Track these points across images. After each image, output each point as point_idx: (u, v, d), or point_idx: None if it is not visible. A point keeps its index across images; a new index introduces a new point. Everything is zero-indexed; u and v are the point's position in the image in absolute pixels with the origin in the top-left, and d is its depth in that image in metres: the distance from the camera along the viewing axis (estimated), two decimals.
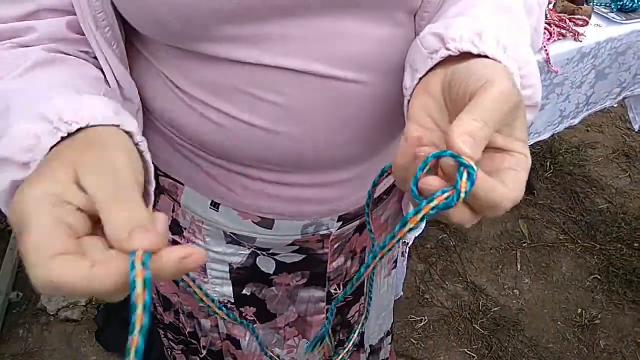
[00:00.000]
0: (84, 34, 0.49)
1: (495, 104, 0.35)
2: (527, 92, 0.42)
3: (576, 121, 1.80)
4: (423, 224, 0.33)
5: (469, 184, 0.32)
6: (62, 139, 0.36)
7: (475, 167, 0.32)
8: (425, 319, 1.87)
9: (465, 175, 0.32)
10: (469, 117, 0.34)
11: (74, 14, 0.48)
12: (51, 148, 0.36)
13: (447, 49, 0.41)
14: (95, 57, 0.51)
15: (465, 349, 1.79)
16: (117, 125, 0.38)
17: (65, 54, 0.49)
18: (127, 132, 0.39)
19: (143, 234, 0.28)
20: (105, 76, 0.51)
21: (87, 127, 0.36)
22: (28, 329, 1.77)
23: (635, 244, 2.15)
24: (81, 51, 0.50)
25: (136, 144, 0.39)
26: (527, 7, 0.51)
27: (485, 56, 0.40)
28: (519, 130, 0.37)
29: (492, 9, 0.45)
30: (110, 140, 0.36)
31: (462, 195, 0.32)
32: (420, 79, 0.43)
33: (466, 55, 0.40)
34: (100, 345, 1.71)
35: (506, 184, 0.35)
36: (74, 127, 0.36)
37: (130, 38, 0.54)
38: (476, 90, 0.36)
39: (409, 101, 0.45)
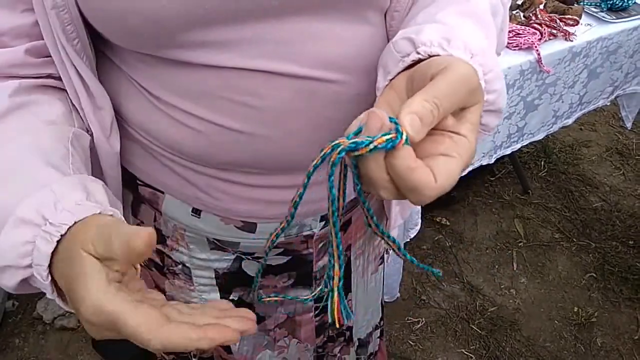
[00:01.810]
0: (46, 56, 0.50)
1: (453, 86, 0.36)
2: (490, 96, 0.42)
3: (570, 121, 1.81)
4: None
5: (387, 143, 0.33)
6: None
7: (403, 135, 0.33)
8: (422, 321, 1.87)
9: (389, 136, 0.33)
10: (421, 98, 0.34)
11: (36, 35, 0.49)
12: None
13: (418, 52, 0.42)
14: (58, 78, 0.52)
15: (463, 350, 1.79)
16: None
17: (33, 88, 0.51)
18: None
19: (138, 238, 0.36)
20: (73, 103, 0.53)
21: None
22: (24, 338, 1.77)
23: (630, 242, 2.16)
24: (43, 74, 0.51)
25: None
26: (492, 9, 0.52)
27: None
28: (472, 113, 0.38)
29: (460, 15, 0.47)
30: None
31: (373, 146, 0.33)
32: (391, 80, 0.44)
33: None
34: (98, 353, 1.71)
35: (434, 172, 0.35)
36: (64, 229, 0.39)
37: (100, 47, 0.54)
38: (437, 73, 0.37)
39: None
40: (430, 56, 0.41)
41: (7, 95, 0.48)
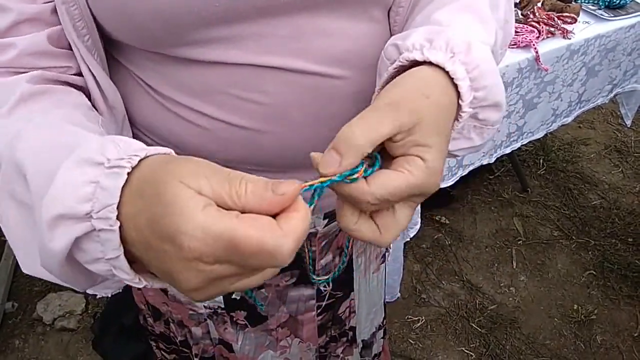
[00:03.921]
0: (65, 47, 0.49)
1: (379, 115, 0.38)
2: (479, 93, 0.43)
3: (569, 119, 1.81)
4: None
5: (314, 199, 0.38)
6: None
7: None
8: (422, 319, 1.87)
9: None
10: (347, 128, 0.37)
11: (56, 24, 0.48)
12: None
13: (400, 60, 0.43)
14: (76, 74, 0.50)
15: (463, 348, 1.79)
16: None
17: (51, 81, 0.48)
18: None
19: (283, 184, 0.32)
20: (90, 99, 0.51)
21: (145, 158, 0.35)
22: (24, 340, 1.76)
23: (629, 239, 2.16)
24: (62, 67, 0.49)
25: None
26: (492, 2, 0.51)
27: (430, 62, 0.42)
28: (413, 135, 0.38)
29: (454, 10, 0.47)
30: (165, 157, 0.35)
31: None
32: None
33: (420, 63, 0.42)
34: (98, 354, 1.71)
35: (370, 183, 0.37)
36: (135, 161, 0.34)
37: (106, 48, 0.53)
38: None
39: None
40: (410, 62, 0.43)
41: (25, 81, 0.45)
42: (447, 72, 0.41)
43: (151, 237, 0.32)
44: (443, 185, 1.61)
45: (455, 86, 0.42)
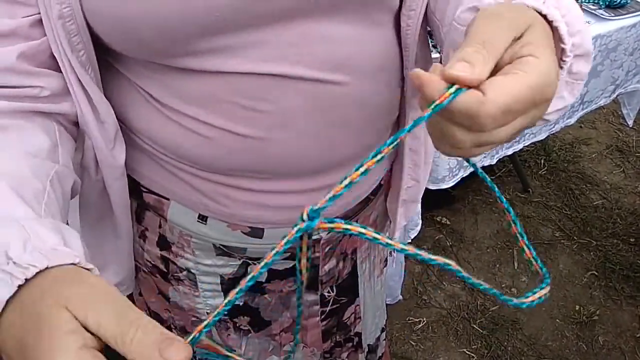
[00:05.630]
0: (41, 65, 0.47)
1: (485, 23, 0.34)
2: (575, 39, 0.40)
3: (572, 121, 1.80)
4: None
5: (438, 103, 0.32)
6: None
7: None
8: (423, 321, 1.87)
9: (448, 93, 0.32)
10: (462, 47, 0.33)
11: (34, 38, 0.46)
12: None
13: None
14: (50, 95, 0.48)
15: (465, 349, 1.78)
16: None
17: (19, 113, 0.45)
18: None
19: (173, 349, 0.29)
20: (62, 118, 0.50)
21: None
22: None
23: (631, 239, 2.16)
24: (33, 86, 0.47)
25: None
26: None
27: None
28: (527, 36, 0.35)
29: None
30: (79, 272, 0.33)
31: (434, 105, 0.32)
32: None
33: None
34: None
35: (483, 89, 0.32)
36: (32, 272, 0.31)
37: (103, 55, 0.53)
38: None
39: None
40: None
41: None
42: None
43: (15, 356, 0.30)
44: (444, 186, 1.60)
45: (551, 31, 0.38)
